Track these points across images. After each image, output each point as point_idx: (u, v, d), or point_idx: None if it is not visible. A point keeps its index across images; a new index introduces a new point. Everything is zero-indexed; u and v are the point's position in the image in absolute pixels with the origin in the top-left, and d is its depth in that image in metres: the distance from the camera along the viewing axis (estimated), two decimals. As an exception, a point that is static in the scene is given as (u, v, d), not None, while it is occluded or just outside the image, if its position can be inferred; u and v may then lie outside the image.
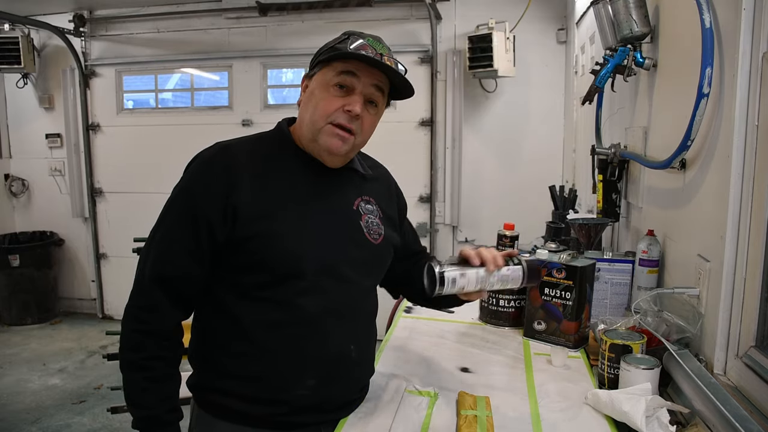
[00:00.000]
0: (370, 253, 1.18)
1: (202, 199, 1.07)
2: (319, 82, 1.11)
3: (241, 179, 1.07)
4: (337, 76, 1.08)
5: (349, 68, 1.08)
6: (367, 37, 1.10)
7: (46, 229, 4.99)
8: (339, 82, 1.08)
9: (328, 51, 1.11)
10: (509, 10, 3.79)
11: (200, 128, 4.40)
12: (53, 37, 4.58)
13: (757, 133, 1.14)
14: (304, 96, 1.15)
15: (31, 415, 3.15)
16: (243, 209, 1.06)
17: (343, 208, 1.17)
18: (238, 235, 1.06)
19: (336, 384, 1.15)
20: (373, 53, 1.07)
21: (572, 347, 1.50)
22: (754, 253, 1.15)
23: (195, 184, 1.09)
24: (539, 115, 4.08)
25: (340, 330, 1.13)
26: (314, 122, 1.10)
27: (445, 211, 4.26)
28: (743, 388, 1.15)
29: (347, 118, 1.09)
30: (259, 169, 1.11)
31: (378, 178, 1.29)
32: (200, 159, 1.12)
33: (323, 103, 1.09)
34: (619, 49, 1.79)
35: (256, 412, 1.11)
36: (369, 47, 1.08)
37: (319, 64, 1.12)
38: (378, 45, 1.10)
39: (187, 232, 1.07)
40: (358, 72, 1.08)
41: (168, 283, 1.08)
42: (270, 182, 1.10)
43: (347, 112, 1.08)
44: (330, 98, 1.09)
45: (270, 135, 1.20)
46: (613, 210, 2.05)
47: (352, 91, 1.09)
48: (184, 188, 1.10)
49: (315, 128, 1.10)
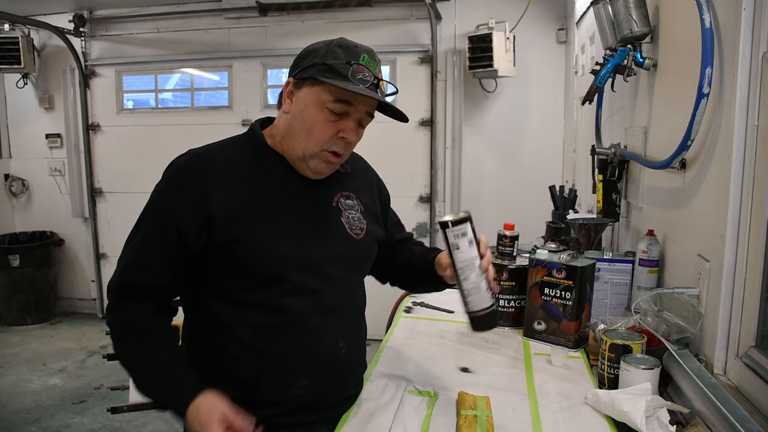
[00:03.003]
0: (353, 249, 1.19)
1: (174, 210, 1.07)
2: (312, 101, 1.07)
3: (216, 186, 1.07)
4: (334, 102, 1.06)
5: (347, 97, 1.06)
6: (361, 55, 1.08)
7: (46, 229, 4.99)
8: (335, 109, 1.07)
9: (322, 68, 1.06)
10: (509, 10, 3.79)
11: (200, 128, 4.39)
12: (53, 37, 4.58)
13: (757, 133, 1.14)
14: (291, 106, 1.11)
15: (31, 415, 3.15)
16: (219, 216, 1.06)
17: (322, 206, 1.17)
18: (217, 242, 1.06)
19: (328, 382, 1.15)
20: (371, 77, 1.07)
21: (572, 347, 1.50)
22: (754, 253, 1.15)
23: (167, 195, 1.10)
24: (539, 115, 4.08)
25: (328, 328, 1.14)
26: (308, 147, 1.09)
27: (445, 211, 4.25)
28: (743, 388, 1.15)
29: (342, 145, 1.10)
30: (234, 174, 1.11)
31: (357, 172, 1.29)
32: (173, 168, 1.12)
33: (319, 127, 1.08)
34: (619, 49, 1.79)
35: (251, 413, 1.10)
36: (368, 71, 1.07)
37: (313, 79, 1.07)
38: (374, 66, 1.09)
39: (159, 242, 1.08)
40: (353, 101, 1.07)
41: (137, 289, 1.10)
42: (246, 186, 1.10)
43: (342, 138, 1.09)
44: (325, 123, 1.07)
45: (244, 138, 1.20)
46: (613, 210, 2.05)
47: (347, 115, 1.08)
48: (157, 198, 1.11)
49: (308, 152, 1.10)
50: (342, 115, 1.08)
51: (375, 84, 1.08)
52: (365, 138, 1.18)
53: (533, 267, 1.56)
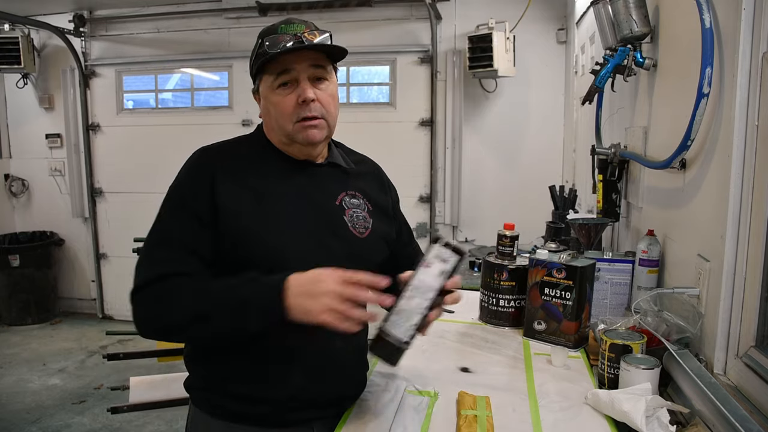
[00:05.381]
0: (356, 248, 1.19)
1: (191, 198, 1.09)
2: (265, 91, 1.15)
3: (222, 178, 1.10)
4: (275, 79, 1.12)
5: (280, 68, 1.11)
6: (278, 27, 1.12)
7: (46, 229, 4.99)
8: (280, 83, 1.11)
9: (255, 62, 1.14)
10: (509, 10, 3.79)
11: (200, 128, 4.40)
12: (53, 37, 4.58)
13: (757, 133, 1.14)
14: (261, 109, 1.19)
15: (31, 415, 3.15)
16: (224, 208, 1.08)
17: (325, 204, 1.18)
18: (222, 234, 1.08)
19: (327, 380, 1.16)
20: (291, 39, 1.09)
21: (572, 347, 1.50)
22: (754, 253, 1.15)
23: (183, 187, 1.12)
24: (539, 115, 4.08)
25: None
26: (282, 127, 1.13)
27: (445, 211, 4.26)
28: (743, 388, 1.15)
29: (307, 108, 1.12)
30: (240, 170, 1.13)
31: (366, 173, 1.30)
32: (186, 164, 1.15)
33: (279, 107, 1.12)
34: (619, 49, 1.79)
35: (250, 411, 1.12)
36: (285, 36, 1.09)
37: (257, 77, 1.16)
38: (291, 27, 1.12)
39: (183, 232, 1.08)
40: (290, 66, 1.10)
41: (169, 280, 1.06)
42: (251, 182, 1.12)
43: (302, 103, 1.11)
44: (282, 99, 1.12)
45: (250, 137, 1.24)
46: (613, 210, 2.05)
47: (296, 81, 1.11)
48: (174, 193, 1.13)
49: (286, 131, 1.13)
50: (291, 84, 1.11)
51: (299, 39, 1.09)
52: (366, 138, 1.18)
53: (533, 267, 1.56)
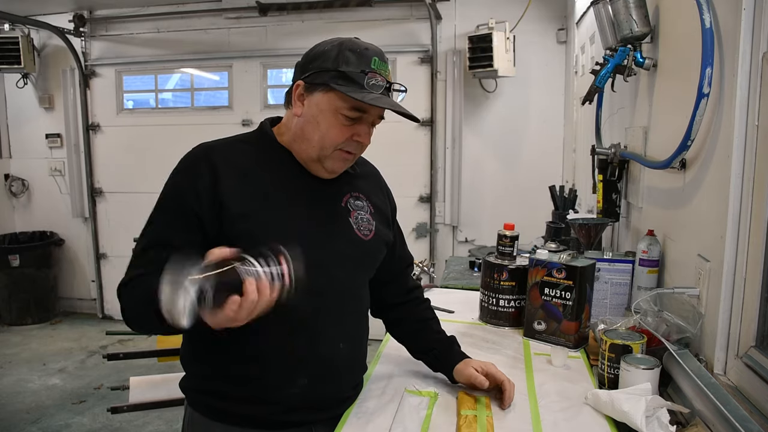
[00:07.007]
0: (361, 250, 1.18)
1: (190, 195, 1.06)
2: (327, 106, 1.08)
3: (225, 175, 1.07)
4: (349, 110, 1.07)
5: (362, 106, 1.07)
6: (372, 58, 1.07)
7: (46, 229, 4.99)
8: (350, 116, 1.08)
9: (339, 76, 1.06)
10: (509, 10, 3.79)
11: (200, 128, 4.38)
12: (53, 37, 4.58)
13: (757, 133, 1.14)
14: (303, 110, 1.10)
15: (31, 415, 3.15)
16: (228, 206, 1.05)
17: (331, 206, 1.17)
18: (224, 234, 1.05)
19: (328, 382, 1.15)
20: (383, 81, 1.07)
21: (572, 347, 1.50)
22: (754, 253, 1.15)
23: (182, 182, 1.09)
24: (539, 115, 4.08)
25: (329, 328, 1.14)
26: (323, 148, 1.10)
27: (445, 211, 4.26)
28: (743, 388, 1.15)
29: (356, 146, 1.11)
30: (243, 169, 1.10)
31: (368, 175, 1.30)
32: (185, 158, 1.12)
33: (334, 131, 1.09)
34: (619, 49, 1.79)
35: (248, 413, 1.11)
36: (380, 76, 1.07)
37: (322, 85, 1.07)
38: (384, 68, 1.09)
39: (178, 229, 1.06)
40: (369, 109, 1.09)
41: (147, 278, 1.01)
42: (254, 182, 1.10)
43: (356, 141, 1.10)
44: (340, 127, 1.08)
45: (253, 135, 1.20)
46: (613, 210, 2.05)
47: (360, 119, 1.09)
48: (171, 188, 1.09)
49: (323, 153, 1.11)
50: (356, 120, 1.09)
51: (387, 88, 1.09)
52: (366, 138, 1.17)
53: (533, 267, 1.56)
